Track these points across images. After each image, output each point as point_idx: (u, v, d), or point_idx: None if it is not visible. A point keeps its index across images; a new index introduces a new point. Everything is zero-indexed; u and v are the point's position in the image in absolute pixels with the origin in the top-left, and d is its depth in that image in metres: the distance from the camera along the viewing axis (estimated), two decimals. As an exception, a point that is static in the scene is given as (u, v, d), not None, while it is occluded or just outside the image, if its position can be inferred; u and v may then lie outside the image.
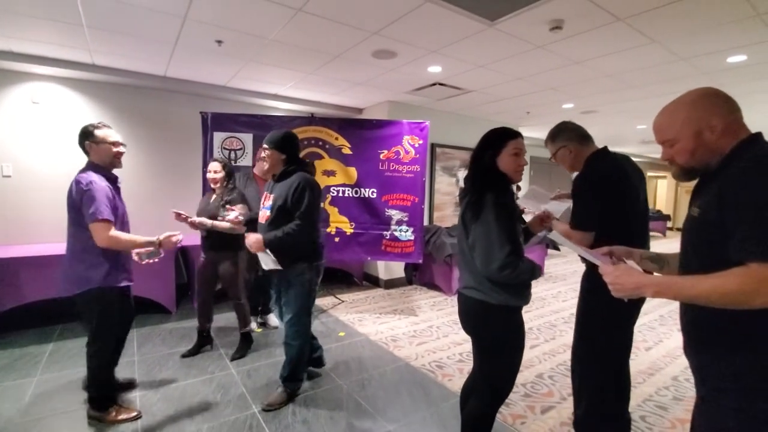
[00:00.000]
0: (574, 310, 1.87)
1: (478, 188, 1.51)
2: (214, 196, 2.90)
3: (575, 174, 1.86)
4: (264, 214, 2.26)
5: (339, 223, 4.02)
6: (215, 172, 2.87)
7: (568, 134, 1.87)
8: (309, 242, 2.28)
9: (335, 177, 4.01)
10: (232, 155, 3.85)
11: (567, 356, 3.09)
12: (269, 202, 2.24)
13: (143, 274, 3.65)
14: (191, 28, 2.81)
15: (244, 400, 2.38)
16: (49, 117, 3.80)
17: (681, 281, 0.96)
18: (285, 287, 2.29)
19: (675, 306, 4.42)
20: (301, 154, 3.89)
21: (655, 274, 1.24)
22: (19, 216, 3.67)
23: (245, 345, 3.03)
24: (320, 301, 4.27)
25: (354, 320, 3.81)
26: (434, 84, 4.08)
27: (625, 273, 1.03)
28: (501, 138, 1.57)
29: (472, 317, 1.58)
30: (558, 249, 6.35)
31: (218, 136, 3.83)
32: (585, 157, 1.83)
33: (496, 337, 1.54)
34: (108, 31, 2.89)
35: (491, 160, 1.54)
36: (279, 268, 2.19)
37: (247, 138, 3.87)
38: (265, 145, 2.26)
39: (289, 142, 2.26)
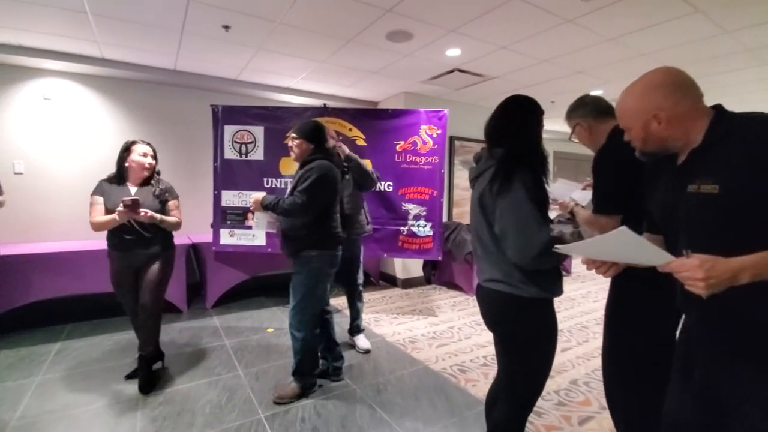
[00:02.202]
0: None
1: (510, 164, 1.26)
2: (135, 189, 2.35)
3: None
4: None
5: (353, 218, 3.84)
6: (148, 155, 2.36)
7: (583, 109, 1.66)
8: (320, 230, 2.20)
9: (349, 170, 3.83)
10: (243, 149, 3.73)
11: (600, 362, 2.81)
12: (289, 189, 2.26)
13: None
14: (196, 12, 2.68)
15: (250, 404, 2.21)
16: (61, 113, 3.75)
17: None
18: (294, 272, 2.25)
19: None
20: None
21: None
22: (31, 213, 3.63)
23: (148, 368, 2.38)
24: (334, 301, 4.09)
25: (370, 320, 3.61)
26: (453, 71, 3.85)
27: (713, 261, 0.84)
28: (539, 109, 1.36)
29: (499, 314, 1.36)
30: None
31: (229, 130, 3.71)
32: (605, 132, 1.60)
33: (529, 334, 1.33)
34: (112, 19, 2.79)
35: (537, 132, 1.34)
36: (272, 231, 2.31)
37: (258, 131, 3.73)
38: (293, 134, 2.28)
39: (318, 132, 2.28)
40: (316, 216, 2.17)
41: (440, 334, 3.32)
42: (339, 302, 4.03)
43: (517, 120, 1.34)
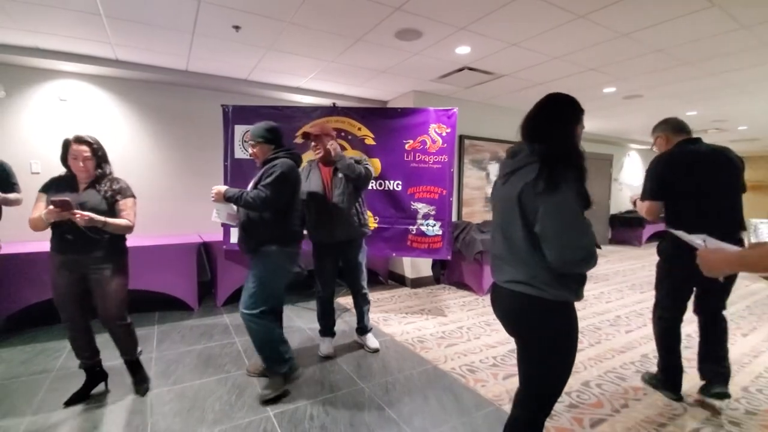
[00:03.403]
0: (618, 312, 1.82)
1: (557, 163, 1.20)
2: (83, 186, 2.11)
3: None
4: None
5: (362, 217, 3.83)
6: (79, 159, 2.05)
7: (665, 125, 2.27)
8: (280, 226, 2.23)
9: (358, 169, 3.83)
10: (253, 148, 3.75)
11: (615, 362, 2.76)
12: (250, 185, 2.28)
13: (166, 270, 3.62)
14: (207, 13, 2.71)
15: (258, 402, 2.22)
16: (76, 114, 3.83)
17: None
18: (252, 267, 2.26)
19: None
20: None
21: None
22: (47, 212, 3.71)
23: (140, 373, 2.35)
24: (343, 300, 4.09)
25: (378, 320, 3.60)
26: (462, 69, 3.82)
27: (704, 254, 1.15)
28: (580, 108, 1.32)
29: (523, 316, 1.32)
30: (599, 247, 5.90)
31: (239, 129, 3.74)
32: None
33: (551, 337, 1.30)
34: (125, 21, 2.83)
35: (578, 131, 1.30)
36: (232, 223, 2.33)
37: (268, 130, 3.75)
38: (251, 141, 2.32)
39: (273, 132, 2.32)
40: (277, 212, 2.20)
41: (449, 334, 3.30)
42: (347, 301, 4.03)
43: (559, 117, 1.29)
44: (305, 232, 2.76)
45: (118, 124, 4.01)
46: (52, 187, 2.11)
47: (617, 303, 4.19)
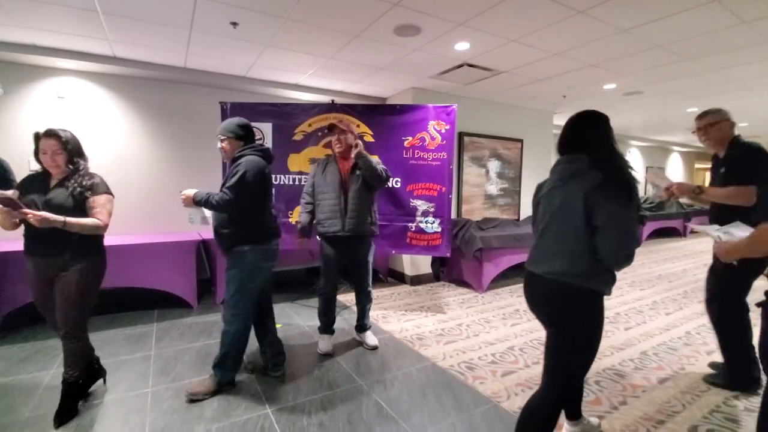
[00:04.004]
0: (618, 309, 1.84)
1: (621, 171, 1.43)
2: (54, 183, 1.98)
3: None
4: None
5: (361, 214, 3.82)
6: (47, 153, 1.93)
7: (724, 113, 2.28)
8: (250, 224, 2.21)
9: (357, 166, 3.82)
10: (252, 146, 3.74)
11: (614, 359, 2.76)
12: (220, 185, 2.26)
13: (165, 268, 3.62)
14: (204, 9, 2.69)
15: (257, 398, 2.22)
16: (75, 112, 3.82)
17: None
18: (227, 268, 2.25)
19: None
20: (322, 143, 3.79)
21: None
22: (46, 209, 3.70)
23: (71, 400, 2.04)
24: (342, 297, 4.09)
25: (378, 317, 3.60)
26: (462, 65, 3.81)
27: (722, 242, 1.54)
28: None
29: (558, 302, 1.49)
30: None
31: (237, 127, 3.72)
32: (731, 137, 2.28)
33: (584, 324, 1.47)
34: (122, 17, 2.82)
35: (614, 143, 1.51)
36: (207, 225, 2.26)
37: (267, 128, 3.75)
38: (221, 136, 2.28)
39: (244, 128, 2.30)
40: (246, 211, 2.18)
41: (448, 331, 3.30)
42: (347, 298, 4.04)
43: (602, 131, 1.51)
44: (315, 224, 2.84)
45: (116, 121, 4.00)
46: (24, 184, 2.00)
47: (616, 300, 4.18)
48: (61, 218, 1.84)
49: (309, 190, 2.90)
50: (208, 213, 2.24)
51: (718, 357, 2.88)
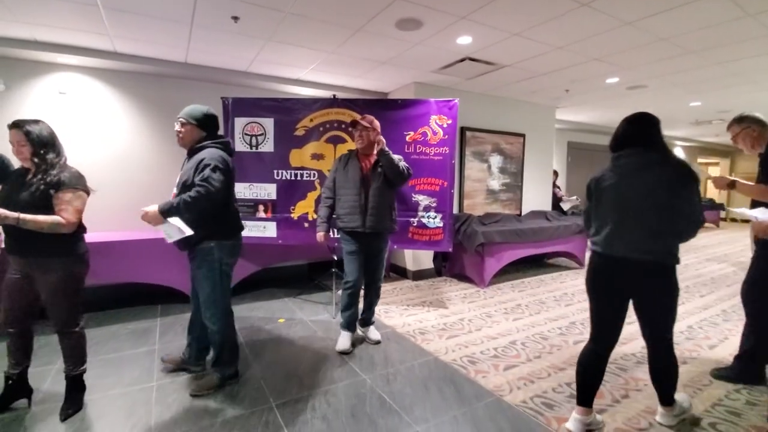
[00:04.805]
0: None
1: (683, 162, 1.74)
2: (29, 176, 1.89)
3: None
4: (172, 193, 2.17)
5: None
6: (14, 144, 1.87)
7: (752, 119, 2.33)
8: (215, 220, 2.12)
9: (359, 161, 3.82)
10: (254, 141, 3.74)
11: (616, 353, 2.76)
12: (177, 179, 2.18)
13: (167, 263, 3.63)
14: (205, 3, 2.68)
15: (261, 392, 2.24)
16: (76, 107, 3.82)
17: None
18: (194, 267, 2.19)
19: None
20: (323, 138, 3.78)
21: None
22: (49, 205, 3.71)
23: (75, 393, 2.07)
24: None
25: (380, 312, 3.61)
26: (463, 59, 3.79)
27: (758, 222, 2.05)
28: None
29: (662, 279, 1.76)
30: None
31: (239, 122, 3.73)
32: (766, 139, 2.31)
33: (676, 294, 1.80)
34: (123, 12, 2.81)
35: None
36: (187, 233, 1.95)
37: (269, 123, 3.74)
38: (182, 119, 2.15)
39: (211, 119, 2.21)
40: (214, 206, 2.07)
41: (450, 325, 3.31)
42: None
43: (657, 129, 1.79)
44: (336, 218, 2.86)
45: (118, 117, 4.00)
46: (12, 179, 1.95)
47: (619, 295, 4.18)
48: (14, 215, 1.73)
49: (330, 185, 2.90)
50: (180, 223, 1.97)
51: (720, 353, 2.88)
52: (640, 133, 1.79)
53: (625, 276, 1.79)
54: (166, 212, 1.93)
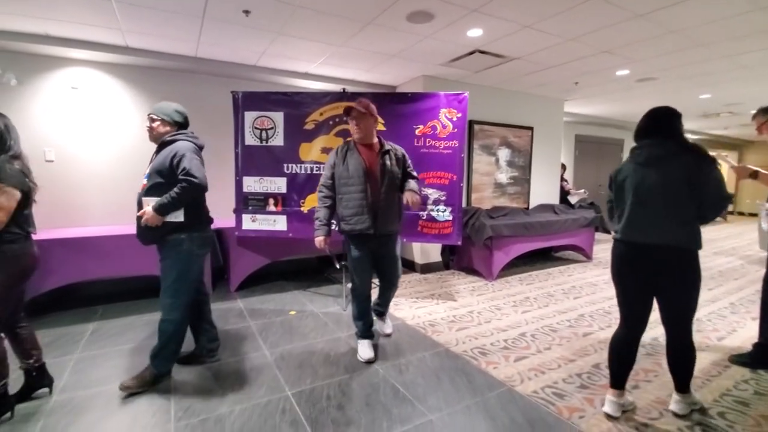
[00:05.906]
0: None
1: (702, 149, 1.79)
2: None
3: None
4: (141, 183, 2.18)
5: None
6: None
7: None
8: (187, 212, 2.14)
9: (368, 155, 3.83)
10: (264, 135, 3.76)
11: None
12: (147, 170, 2.17)
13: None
14: (217, -3, 2.69)
15: (277, 382, 2.29)
16: (88, 102, 3.85)
17: None
18: (161, 258, 2.18)
19: (745, 293, 3.97)
20: (333, 132, 3.80)
21: None
22: (62, 200, 3.76)
23: (31, 385, 2.05)
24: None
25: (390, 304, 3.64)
26: (473, 52, 3.78)
27: None
28: None
29: (685, 264, 1.79)
30: (609, 232, 5.88)
31: (249, 116, 3.74)
32: None
33: (698, 280, 1.82)
34: (135, 6, 2.83)
35: None
36: (179, 220, 2.10)
37: (278, 117, 3.76)
38: (153, 115, 2.21)
39: (182, 116, 2.27)
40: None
41: (460, 317, 3.34)
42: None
43: (678, 121, 1.86)
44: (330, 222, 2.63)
45: (129, 111, 4.03)
46: None
47: (627, 288, 4.19)
48: None
49: (327, 182, 2.57)
50: (173, 216, 2.10)
51: (728, 344, 2.90)
52: (659, 124, 1.87)
53: (648, 262, 1.84)
54: (161, 211, 2.04)
